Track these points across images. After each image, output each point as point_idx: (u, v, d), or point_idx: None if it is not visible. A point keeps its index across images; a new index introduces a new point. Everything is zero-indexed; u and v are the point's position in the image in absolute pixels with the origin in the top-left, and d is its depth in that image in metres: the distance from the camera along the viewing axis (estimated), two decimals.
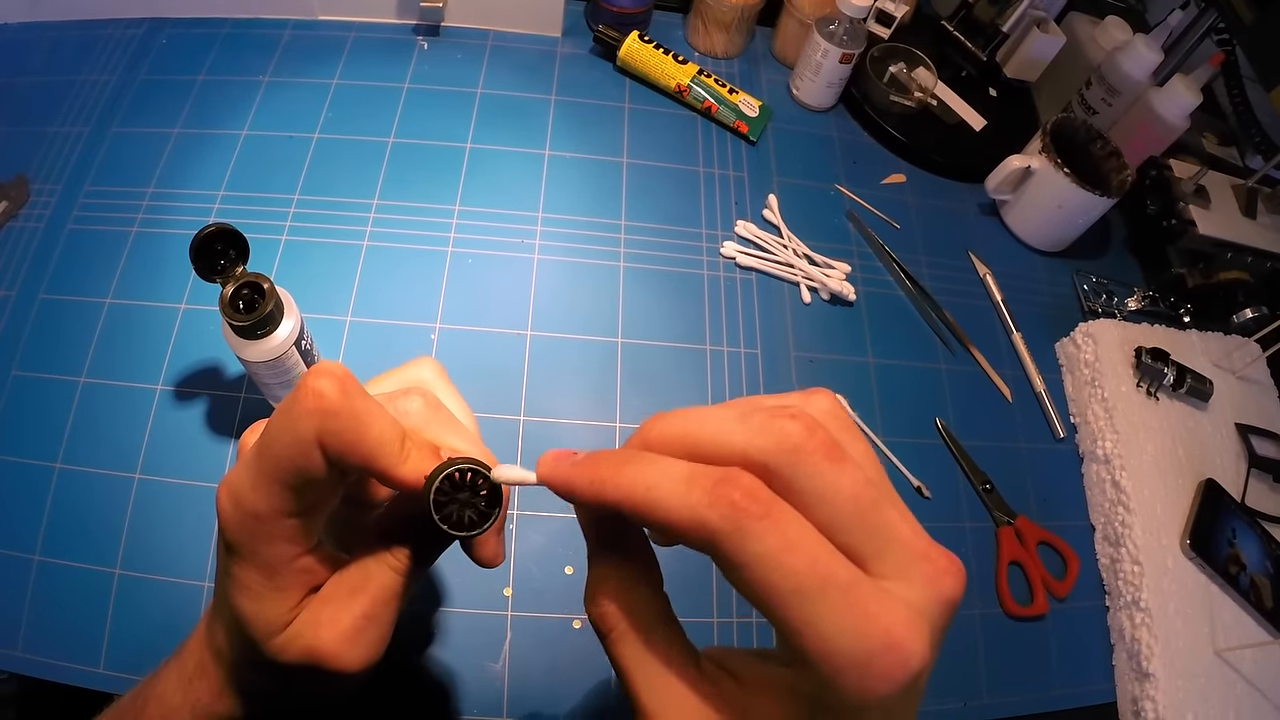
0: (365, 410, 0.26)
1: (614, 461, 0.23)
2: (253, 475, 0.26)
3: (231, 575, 0.27)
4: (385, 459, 0.26)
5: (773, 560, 0.20)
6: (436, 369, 0.35)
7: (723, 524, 0.20)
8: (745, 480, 0.21)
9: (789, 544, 0.20)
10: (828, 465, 0.21)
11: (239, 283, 0.45)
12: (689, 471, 0.22)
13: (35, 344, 0.59)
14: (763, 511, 0.20)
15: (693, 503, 0.21)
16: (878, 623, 0.20)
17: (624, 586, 0.25)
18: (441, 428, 0.30)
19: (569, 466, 0.24)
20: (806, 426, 0.21)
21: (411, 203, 0.69)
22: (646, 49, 0.80)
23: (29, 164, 0.67)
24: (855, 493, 0.21)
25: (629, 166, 0.76)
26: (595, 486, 0.23)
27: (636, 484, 0.22)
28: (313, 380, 0.25)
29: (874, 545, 0.21)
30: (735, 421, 0.22)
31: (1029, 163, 0.74)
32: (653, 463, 0.23)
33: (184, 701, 0.31)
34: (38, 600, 0.51)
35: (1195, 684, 0.56)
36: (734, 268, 0.72)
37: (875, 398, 0.67)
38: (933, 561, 0.22)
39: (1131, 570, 0.60)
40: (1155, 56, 0.78)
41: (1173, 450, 0.66)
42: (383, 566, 0.29)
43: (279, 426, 0.25)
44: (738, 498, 0.20)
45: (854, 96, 0.84)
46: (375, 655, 0.29)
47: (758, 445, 0.22)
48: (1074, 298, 0.78)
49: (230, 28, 0.78)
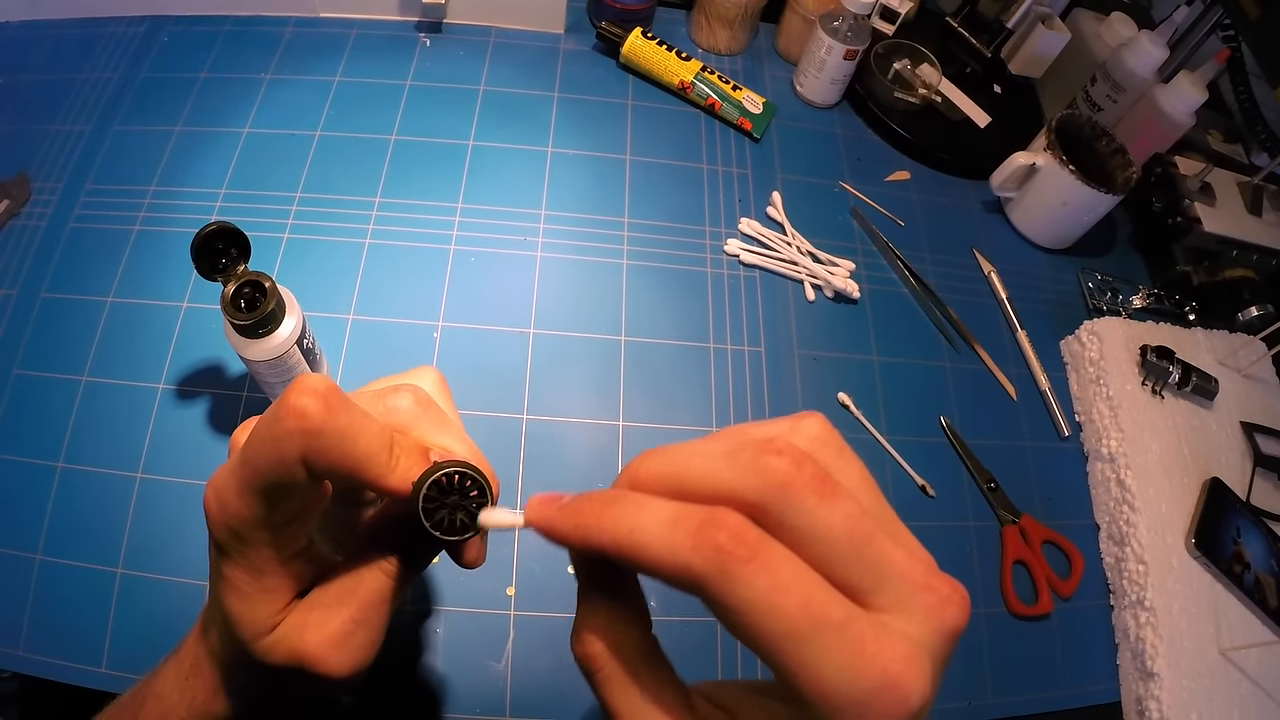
0: (350, 425, 0.25)
1: (598, 504, 0.23)
2: (237, 482, 0.26)
3: (221, 575, 0.27)
4: (373, 470, 0.26)
5: (763, 604, 0.19)
6: (437, 379, 0.34)
7: (708, 568, 0.20)
8: (731, 521, 0.20)
9: (779, 586, 0.19)
10: (818, 501, 0.21)
11: (240, 281, 0.45)
12: (673, 514, 0.21)
13: (37, 343, 0.59)
14: (750, 554, 0.20)
15: (676, 546, 0.20)
16: (874, 661, 0.19)
17: (611, 626, 0.24)
18: (431, 425, 0.29)
19: (555, 510, 0.24)
20: (795, 461, 0.21)
21: (414, 200, 0.69)
22: (650, 45, 0.79)
23: (30, 162, 0.67)
24: (849, 527, 0.21)
25: (632, 164, 0.75)
26: (580, 531, 0.23)
27: (620, 528, 0.22)
28: (295, 398, 0.24)
29: (871, 579, 0.21)
30: (723, 459, 0.22)
31: (1034, 160, 0.74)
32: (637, 505, 0.22)
33: (180, 700, 0.31)
34: (40, 600, 0.50)
35: (1200, 684, 0.55)
36: (738, 265, 0.71)
37: (879, 396, 0.67)
38: (934, 591, 0.21)
39: (1136, 569, 0.59)
40: (1160, 53, 0.77)
41: (1178, 449, 0.65)
42: (374, 571, 0.29)
43: (262, 440, 0.25)
44: (723, 540, 0.20)
45: (858, 93, 0.84)
46: (363, 661, 0.28)
47: (746, 484, 0.21)
48: (1079, 295, 0.78)
49: (232, 25, 0.77)
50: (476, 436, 0.31)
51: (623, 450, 0.61)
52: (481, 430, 0.60)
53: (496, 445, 0.59)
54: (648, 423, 0.62)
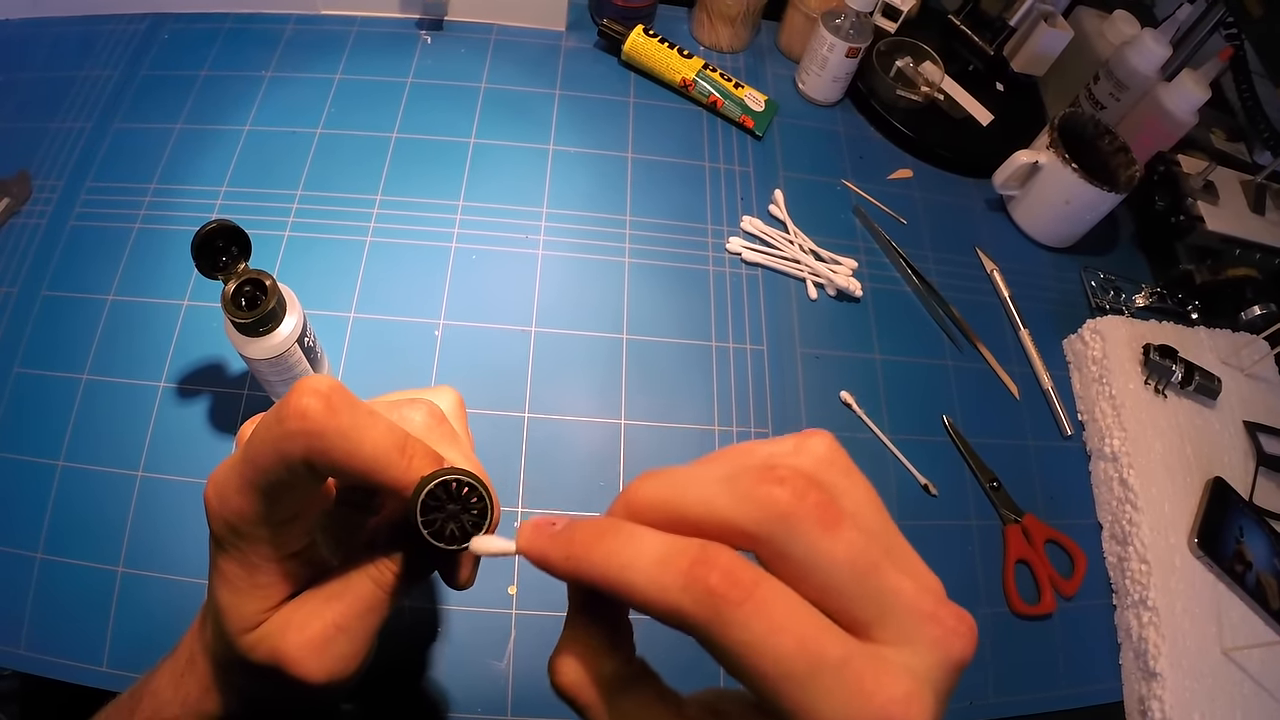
0: (355, 424, 0.25)
1: (589, 535, 0.22)
2: (238, 478, 0.25)
3: (216, 566, 0.27)
4: (386, 469, 0.25)
5: (758, 646, 0.19)
6: (455, 400, 0.33)
7: (699, 610, 0.19)
8: (723, 560, 0.20)
9: (774, 627, 0.19)
10: (820, 532, 0.20)
11: (241, 279, 0.45)
12: (664, 551, 0.20)
13: (37, 341, 0.59)
14: (743, 596, 0.19)
15: (667, 586, 0.20)
16: (873, 700, 0.19)
17: (590, 654, 0.24)
18: (440, 441, 0.29)
19: (546, 539, 0.23)
20: (796, 491, 0.20)
21: (415, 198, 0.69)
22: (651, 43, 0.79)
23: (31, 160, 0.67)
24: (852, 558, 0.20)
25: (634, 161, 0.75)
26: (570, 564, 0.22)
27: (611, 563, 0.21)
28: (297, 399, 0.24)
29: (874, 611, 0.20)
30: (721, 485, 0.21)
31: (1036, 158, 0.74)
32: (628, 539, 0.21)
33: (174, 696, 0.31)
34: (40, 598, 0.50)
35: (1202, 683, 0.55)
36: (740, 263, 0.71)
37: (882, 395, 0.67)
38: (940, 623, 0.20)
39: (1139, 569, 0.59)
40: (1163, 51, 0.77)
41: (1180, 448, 0.65)
42: (363, 578, 0.28)
43: (264, 440, 0.25)
44: (715, 582, 0.19)
45: (860, 91, 0.83)
46: (342, 670, 0.28)
47: (745, 514, 0.20)
48: (1081, 294, 0.77)
49: (232, 22, 0.77)
50: (478, 435, 0.31)
51: (624, 448, 0.61)
52: (483, 429, 0.59)
53: (498, 443, 0.59)
54: (649, 421, 0.62)
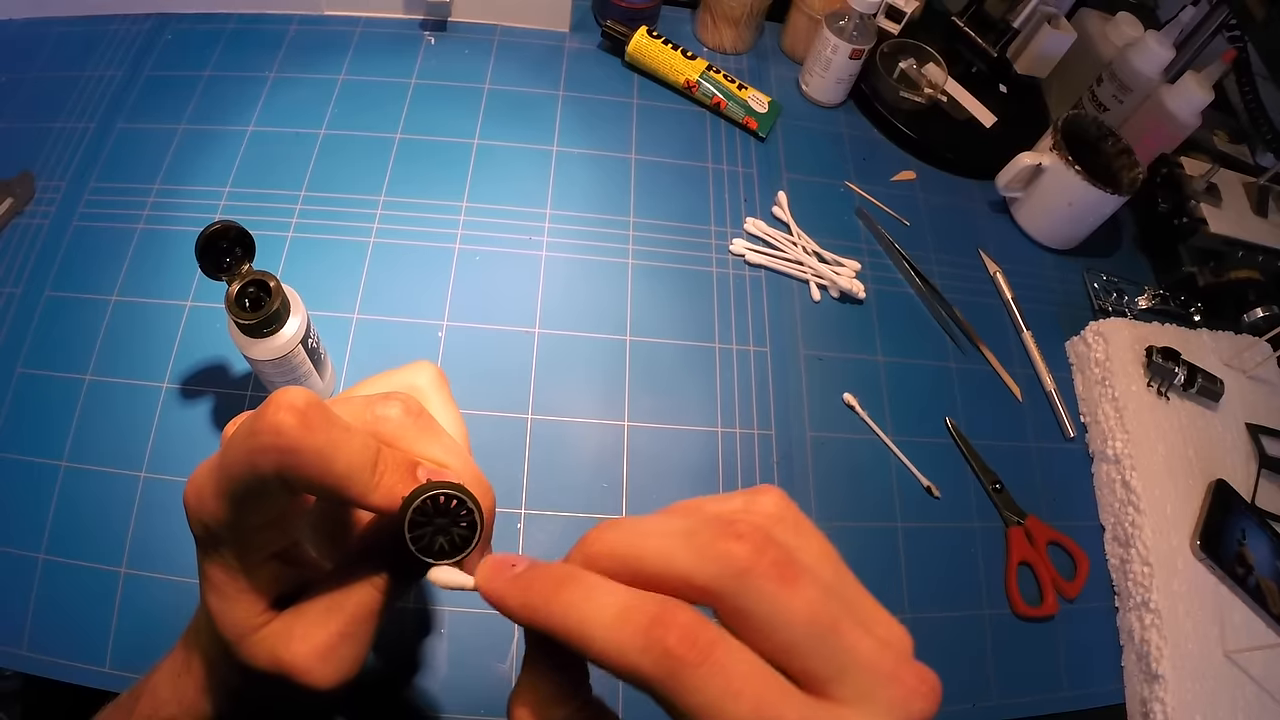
0: (328, 443, 0.24)
1: (548, 584, 0.22)
2: (213, 483, 0.25)
3: (202, 571, 0.27)
4: (355, 487, 0.25)
5: (714, 709, 0.19)
6: (434, 375, 0.33)
7: (656, 671, 0.19)
8: (682, 619, 0.19)
9: (730, 691, 0.19)
10: (778, 588, 0.20)
11: (245, 280, 0.45)
12: (623, 607, 0.20)
13: (41, 341, 0.59)
14: (700, 658, 0.19)
15: (624, 644, 0.20)
16: None
17: (541, 703, 0.23)
18: (421, 436, 0.28)
19: (505, 582, 0.23)
20: (755, 546, 0.20)
21: (418, 199, 0.69)
22: (655, 44, 0.79)
23: (34, 160, 0.67)
24: (810, 614, 0.20)
25: (637, 163, 0.75)
26: (527, 612, 0.22)
27: (570, 615, 0.21)
28: (273, 413, 0.24)
29: (833, 668, 0.20)
30: (679, 540, 0.21)
31: (1040, 160, 0.74)
32: (587, 592, 0.21)
33: (171, 696, 0.31)
34: (43, 599, 0.50)
35: (1204, 686, 0.55)
36: (743, 265, 0.71)
37: (885, 396, 0.67)
38: (900, 683, 0.20)
39: (1141, 571, 0.59)
40: (1166, 53, 0.77)
41: (1183, 450, 0.65)
42: (364, 585, 0.28)
43: (238, 450, 0.24)
44: (673, 643, 0.19)
45: (864, 92, 0.83)
46: (347, 673, 0.28)
47: (704, 570, 0.20)
48: (1084, 296, 0.77)
49: (236, 23, 0.77)
50: (481, 436, 0.31)
51: (628, 450, 0.61)
52: (486, 430, 0.59)
53: (501, 445, 0.59)
54: (653, 423, 0.62)
